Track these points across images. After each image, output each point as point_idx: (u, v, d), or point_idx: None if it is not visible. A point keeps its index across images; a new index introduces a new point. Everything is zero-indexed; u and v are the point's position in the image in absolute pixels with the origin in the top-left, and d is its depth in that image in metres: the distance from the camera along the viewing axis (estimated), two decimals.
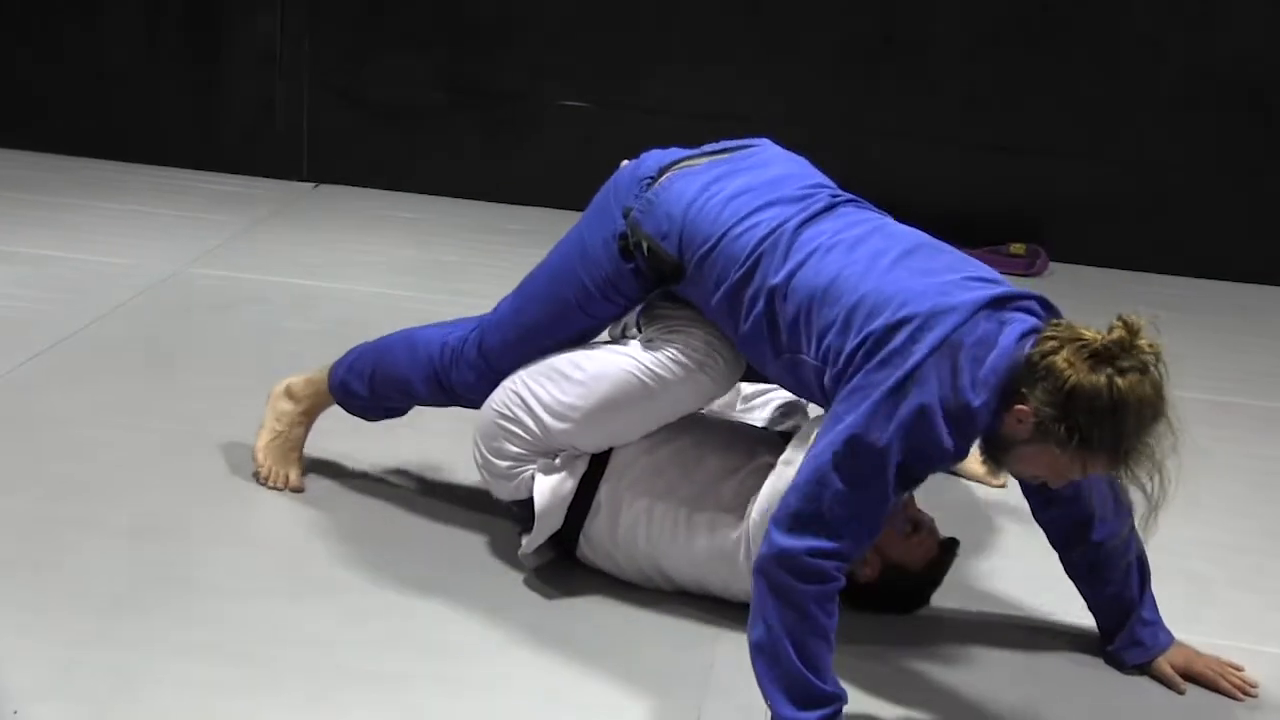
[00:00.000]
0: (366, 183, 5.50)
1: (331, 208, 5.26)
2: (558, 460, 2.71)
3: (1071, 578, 2.70)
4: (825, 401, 2.51)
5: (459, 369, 2.86)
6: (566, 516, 2.74)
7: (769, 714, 2.35)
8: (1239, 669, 2.69)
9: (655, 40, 5.42)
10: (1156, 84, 5.25)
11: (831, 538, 2.33)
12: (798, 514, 2.34)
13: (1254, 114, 5.10)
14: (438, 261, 4.70)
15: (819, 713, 2.30)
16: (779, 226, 2.56)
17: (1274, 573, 3.18)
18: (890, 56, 5.39)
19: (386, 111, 5.46)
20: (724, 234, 2.58)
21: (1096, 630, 2.74)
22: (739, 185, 2.64)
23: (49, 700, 2.27)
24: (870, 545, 2.41)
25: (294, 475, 3.03)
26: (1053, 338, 2.29)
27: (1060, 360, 2.27)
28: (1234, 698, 2.64)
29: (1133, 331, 2.28)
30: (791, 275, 2.51)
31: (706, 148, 2.77)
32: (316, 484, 3.10)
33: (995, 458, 2.43)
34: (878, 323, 2.38)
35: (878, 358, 2.35)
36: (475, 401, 2.86)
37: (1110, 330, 2.29)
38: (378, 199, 5.37)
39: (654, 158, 2.75)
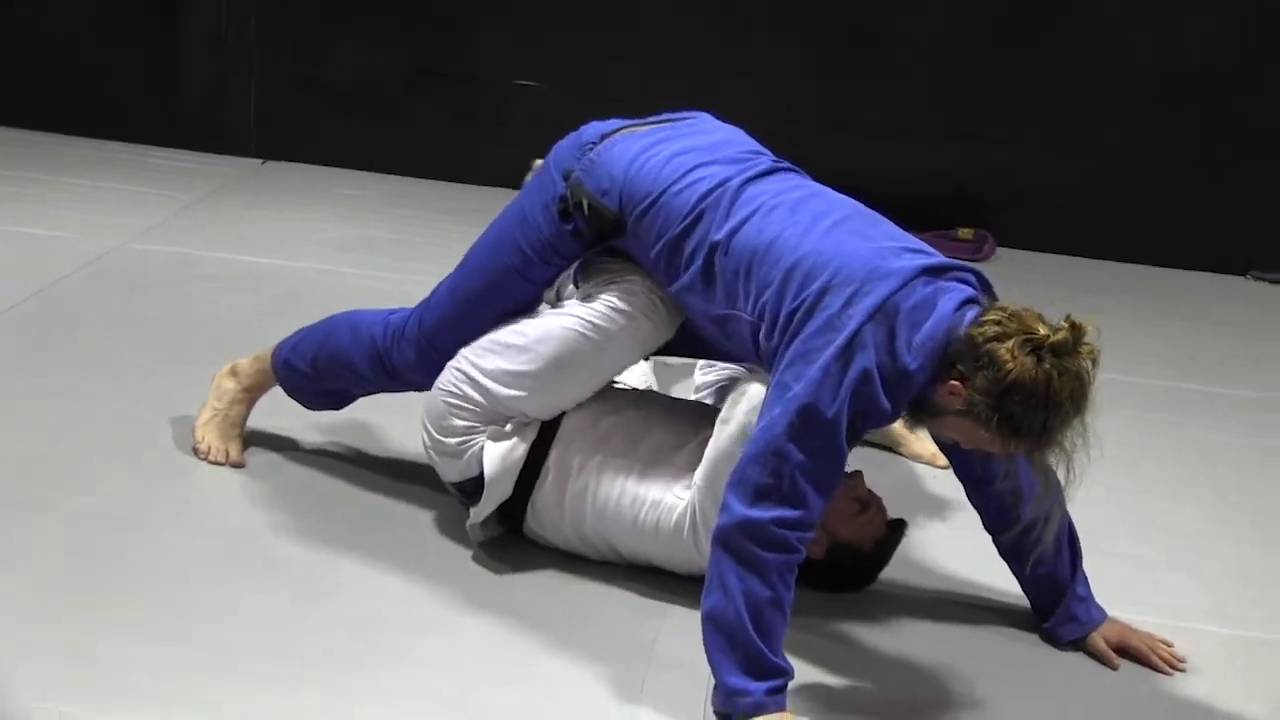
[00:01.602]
0: (315, 160, 5.47)
1: (279, 185, 5.22)
2: (508, 427, 2.72)
3: (1005, 558, 2.73)
4: (756, 357, 2.56)
5: (400, 348, 2.86)
6: (515, 487, 2.75)
7: (712, 684, 2.35)
8: (1169, 644, 2.73)
9: (617, 23, 5.41)
10: (1111, 75, 5.28)
11: (795, 507, 2.36)
12: (759, 486, 2.37)
13: (1204, 104, 5.12)
14: (384, 239, 4.69)
15: (768, 684, 2.32)
16: (722, 183, 2.59)
17: (1212, 554, 3.22)
18: (853, 44, 5.40)
19: (337, 90, 5.43)
20: (665, 189, 2.60)
21: (1031, 609, 2.78)
22: (680, 146, 2.67)
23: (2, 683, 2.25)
24: (823, 509, 2.45)
25: (234, 451, 3.02)
26: (998, 323, 2.33)
27: (1004, 351, 2.31)
28: (1165, 672, 2.69)
29: (1078, 334, 2.34)
30: (734, 232, 2.54)
31: (648, 118, 2.81)
32: (266, 464, 3.10)
33: (919, 419, 2.48)
34: (815, 285, 2.41)
35: (817, 322, 2.38)
36: (416, 383, 2.87)
37: (1057, 330, 2.33)
38: (326, 176, 5.34)
39: (595, 127, 2.78)
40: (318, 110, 5.43)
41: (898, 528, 2.85)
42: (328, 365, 2.99)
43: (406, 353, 2.87)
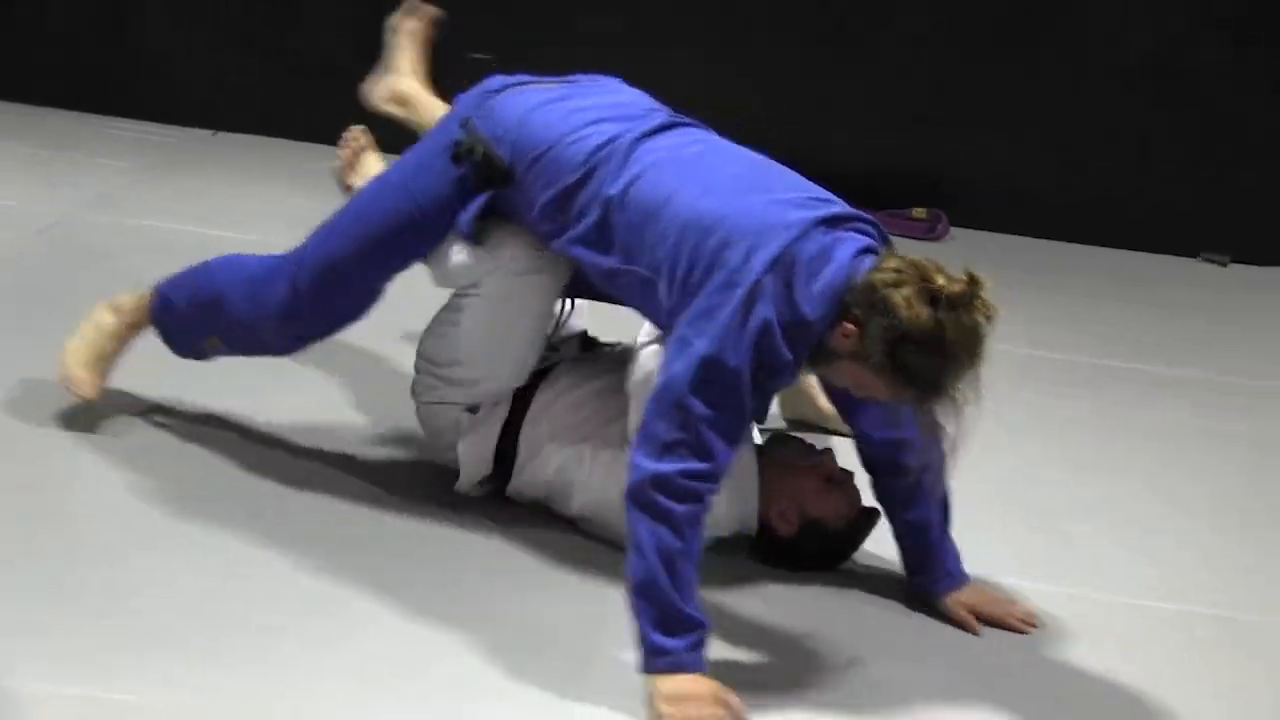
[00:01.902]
0: (266, 131, 5.44)
1: (229, 156, 5.19)
2: (480, 412, 2.83)
3: (885, 505, 2.77)
4: (648, 312, 2.63)
5: (274, 282, 2.88)
6: (495, 464, 2.88)
7: (641, 658, 2.38)
8: (1013, 603, 2.79)
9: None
10: (1065, 59, 5.32)
11: (702, 459, 2.39)
12: (665, 440, 2.40)
13: (1159, 88, 5.16)
14: (333, 211, 4.66)
15: (685, 639, 2.34)
16: (616, 137, 2.62)
17: (1159, 531, 3.28)
18: (816, 26, 5.42)
19: (290, 60, 5.39)
20: (558, 140, 2.63)
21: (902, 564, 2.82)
22: (580, 102, 2.71)
23: None
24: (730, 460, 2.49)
25: (93, 385, 3.00)
26: (896, 270, 2.36)
27: (899, 297, 2.33)
28: (1022, 631, 2.72)
29: (975, 287, 2.35)
30: (628, 186, 2.57)
31: (554, 77, 2.87)
32: (192, 435, 3.10)
33: (812, 363, 2.52)
34: (713, 240, 2.45)
35: (717, 279, 2.41)
36: (282, 330, 2.90)
37: (955, 281, 2.35)
38: (276, 148, 5.31)
39: (499, 78, 2.82)
40: (273, 80, 5.40)
41: (871, 514, 2.89)
42: (206, 300, 2.99)
43: (280, 288, 2.87)
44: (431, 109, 3.30)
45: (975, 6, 5.34)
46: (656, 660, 2.34)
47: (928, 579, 2.75)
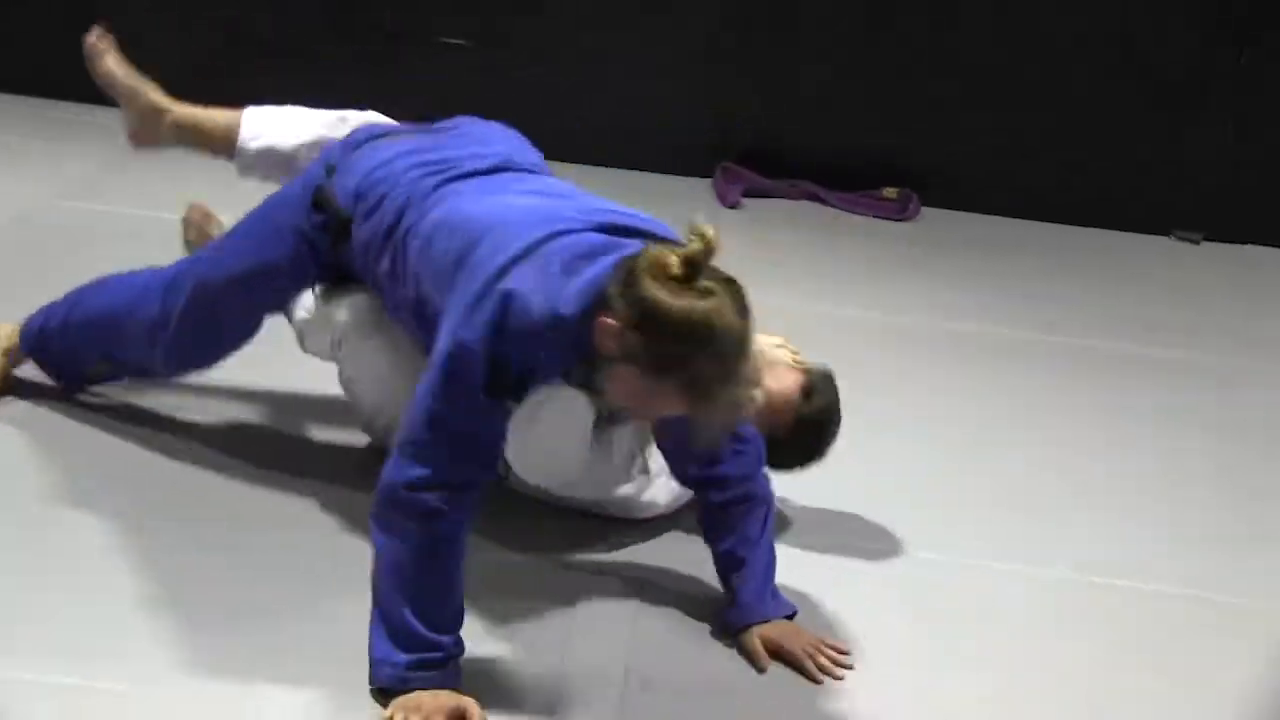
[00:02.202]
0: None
1: None
2: None
3: (704, 534, 2.74)
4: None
5: (147, 302, 2.92)
6: None
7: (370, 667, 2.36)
8: (843, 651, 2.63)
9: None
10: (1032, 39, 5.36)
11: (428, 464, 2.31)
12: (402, 442, 2.34)
13: (1125, 69, 5.21)
14: None
15: (415, 656, 2.30)
16: (427, 178, 2.66)
17: (1126, 509, 3.34)
18: (786, 10, 5.45)
19: (266, 43, 5.41)
20: (389, 189, 2.68)
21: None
22: (427, 155, 2.73)
23: None
24: (485, 472, 2.42)
25: None
26: (644, 253, 2.27)
27: (642, 271, 2.23)
28: (815, 680, 2.57)
29: (708, 243, 2.23)
30: (422, 217, 2.59)
31: (418, 126, 2.90)
32: (175, 423, 3.11)
33: (593, 379, 2.40)
34: (467, 240, 2.44)
35: (464, 272, 2.39)
36: (159, 349, 2.92)
37: (689, 241, 2.24)
38: None
39: (367, 129, 2.88)
40: (249, 64, 5.42)
41: (828, 384, 2.98)
42: (81, 323, 3.01)
43: (152, 308, 2.91)
44: (216, 123, 3.38)
45: None
46: (378, 670, 2.33)
47: (726, 608, 2.69)
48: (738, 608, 2.62)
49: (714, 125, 5.50)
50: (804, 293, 4.37)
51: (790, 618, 2.60)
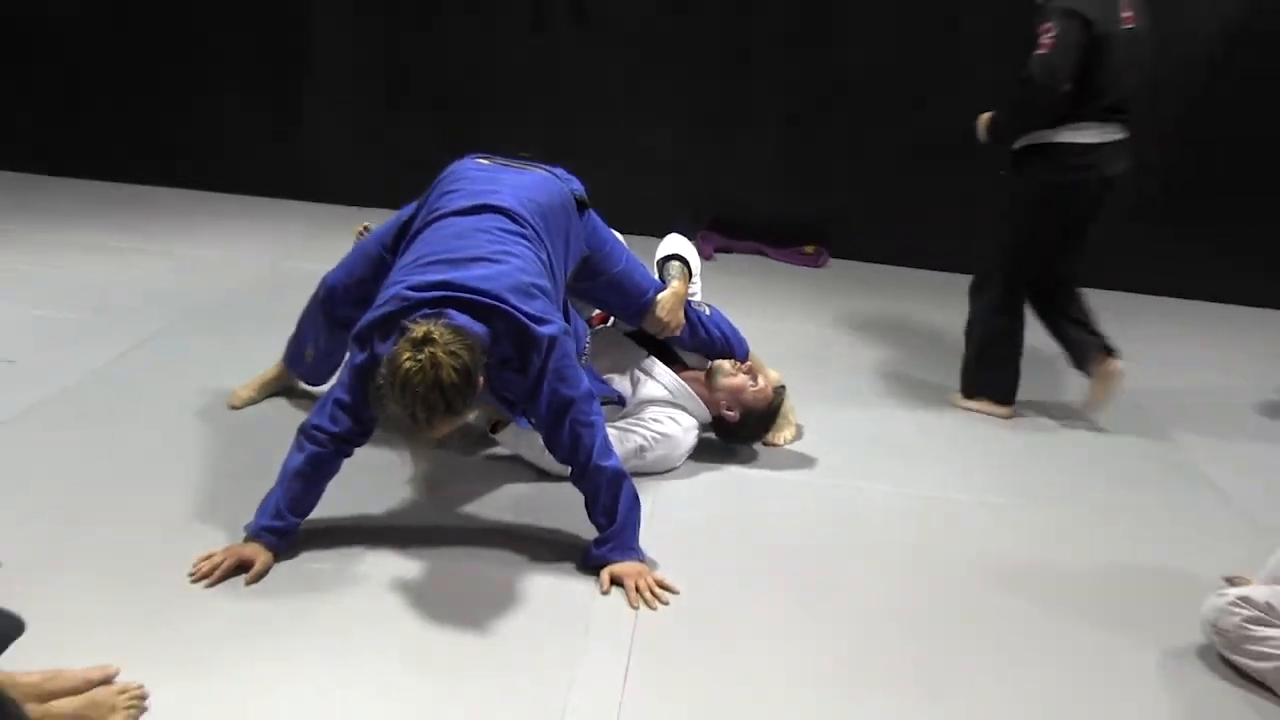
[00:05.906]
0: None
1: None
2: None
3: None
4: None
5: (325, 291, 3.52)
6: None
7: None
8: (668, 589, 2.97)
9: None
10: (921, 138, 6.14)
11: (324, 415, 2.87)
12: (323, 400, 2.87)
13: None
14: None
15: (265, 523, 2.81)
16: (432, 219, 3.05)
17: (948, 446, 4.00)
18: (740, 118, 6.22)
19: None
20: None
21: None
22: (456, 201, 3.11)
23: None
24: (357, 428, 2.87)
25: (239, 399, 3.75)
26: (419, 323, 2.66)
27: (401, 337, 2.64)
28: (632, 605, 2.88)
29: (425, 333, 2.61)
30: (405, 249, 3.04)
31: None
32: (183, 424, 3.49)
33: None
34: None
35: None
36: (335, 315, 3.48)
37: (421, 329, 2.63)
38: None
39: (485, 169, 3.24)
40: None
41: (780, 389, 3.58)
42: (302, 321, 3.66)
43: (320, 292, 3.51)
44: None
45: (815, 96, 6.05)
46: (250, 524, 2.82)
47: (589, 550, 3.03)
48: (592, 555, 3.02)
49: (691, 202, 6.50)
50: (759, 316, 5.00)
51: (641, 562, 2.99)
